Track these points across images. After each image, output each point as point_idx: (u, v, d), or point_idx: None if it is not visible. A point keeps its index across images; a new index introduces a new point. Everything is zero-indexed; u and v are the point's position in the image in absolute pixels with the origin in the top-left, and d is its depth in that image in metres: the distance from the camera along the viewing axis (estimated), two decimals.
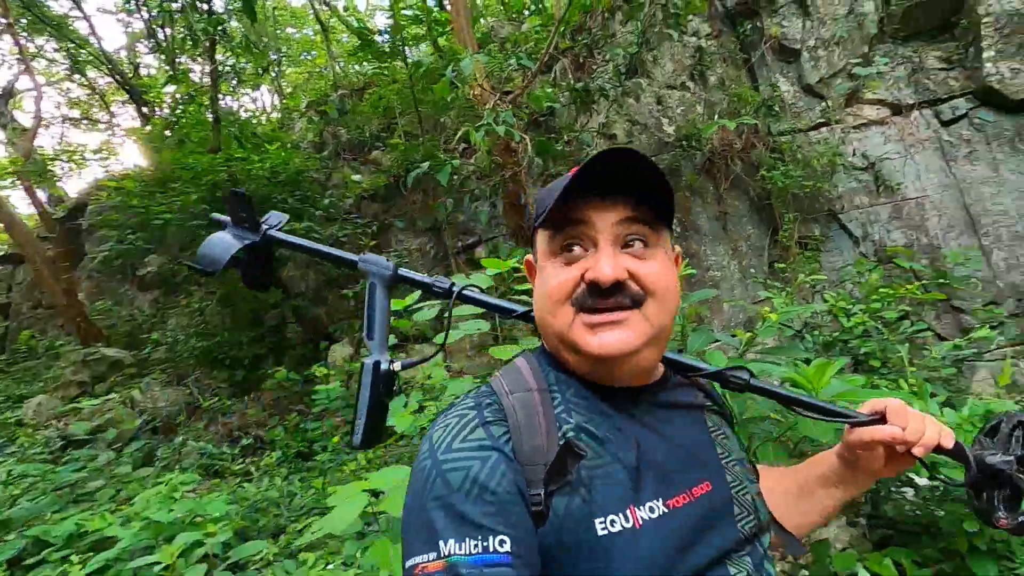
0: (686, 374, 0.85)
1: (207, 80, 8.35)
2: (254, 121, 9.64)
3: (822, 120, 5.43)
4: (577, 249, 0.72)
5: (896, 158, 5.31)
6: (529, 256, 0.85)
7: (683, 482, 0.69)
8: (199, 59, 8.49)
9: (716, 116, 5.44)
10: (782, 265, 4.37)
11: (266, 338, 6.47)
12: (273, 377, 5.58)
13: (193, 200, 5.72)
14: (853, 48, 5.44)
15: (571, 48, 6.15)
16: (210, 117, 7.00)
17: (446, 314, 0.92)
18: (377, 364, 0.82)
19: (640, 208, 0.72)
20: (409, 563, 0.59)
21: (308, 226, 5.68)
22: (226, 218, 1.04)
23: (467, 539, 0.57)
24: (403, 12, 5.89)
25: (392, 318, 2.18)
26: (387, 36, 7.45)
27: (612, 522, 0.61)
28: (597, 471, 0.65)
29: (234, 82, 10.14)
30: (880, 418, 0.82)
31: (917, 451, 0.78)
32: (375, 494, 1.69)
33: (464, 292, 0.92)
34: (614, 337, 0.69)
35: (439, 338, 1.04)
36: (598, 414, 0.71)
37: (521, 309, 0.93)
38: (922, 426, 0.79)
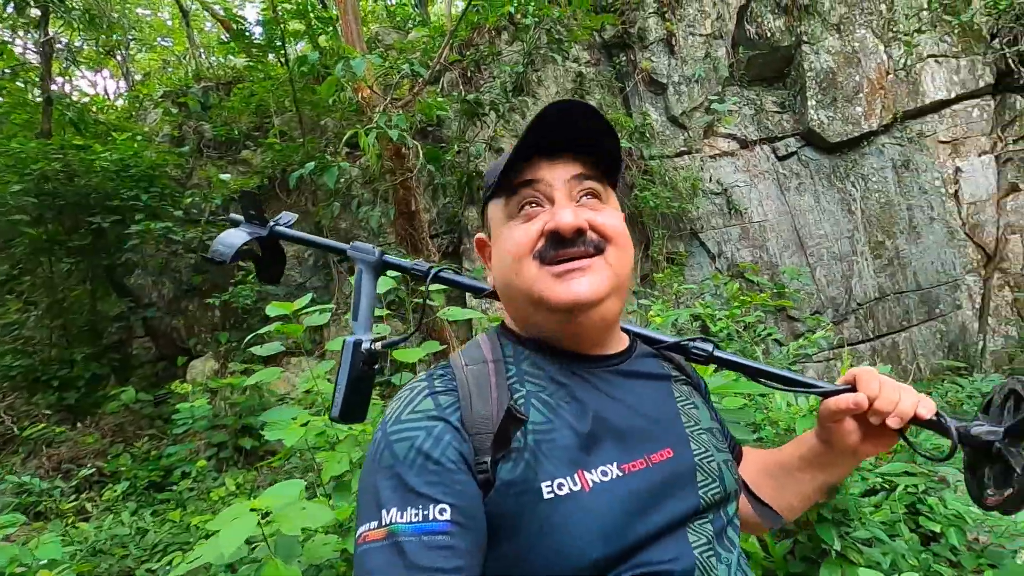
0: (651, 346, 0.87)
1: (33, 55, 7.18)
2: (95, 108, 8.44)
3: (685, 148, 6.04)
4: (534, 207, 0.74)
5: (743, 186, 6.06)
6: (480, 234, 0.85)
7: (641, 448, 0.69)
8: (23, 30, 7.26)
9: None
10: (660, 275, 4.76)
11: (108, 354, 5.63)
12: (118, 399, 4.86)
13: (15, 191, 4.84)
14: (710, 87, 6.14)
15: (459, 61, 6.22)
16: (37, 97, 6.00)
17: (421, 297, 1.00)
18: (358, 343, 0.85)
19: (590, 165, 0.75)
20: (358, 532, 0.60)
21: (166, 227, 5.06)
22: (240, 217, 1.13)
23: (408, 508, 0.58)
24: (284, 5, 5.55)
25: (279, 324, 2.03)
26: (262, 29, 6.97)
27: (560, 485, 0.62)
28: (545, 436, 0.66)
29: (68, 62, 8.82)
30: (850, 388, 0.78)
31: (892, 422, 0.75)
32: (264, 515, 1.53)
33: (440, 274, 0.98)
34: (582, 283, 0.70)
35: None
36: (552, 383, 0.72)
37: (490, 287, 0.96)
38: (895, 395, 0.75)
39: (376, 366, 0.88)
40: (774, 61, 6.29)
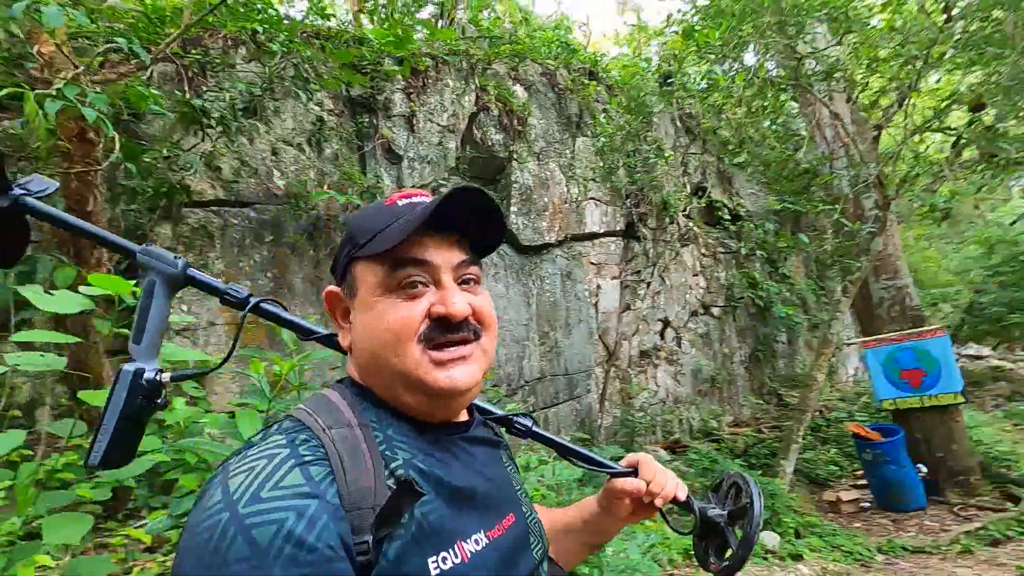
0: (481, 416, 0.90)
1: None
2: None
3: None
4: (419, 286, 0.72)
5: None
6: (334, 288, 0.80)
7: (497, 514, 0.73)
8: None
9: (326, 186, 5.69)
10: None
11: None
12: None
13: None
14: (439, 172, 6.77)
15: (181, 56, 5.38)
16: None
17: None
18: (139, 372, 0.72)
19: (470, 248, 0.77)
20: None
21: None
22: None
23: None
24: None
25: None
26: None
27: (444, 559, 0.61)
28: (426, 508, 0.64)
29: None
30: (634, 471, 0.94)
31: (658, 502, 0.90)
32: None
33: (262, 305, 0.85)
34: (463, 372, 0.72)
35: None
36: (420, 452, 0.70)
37: (322, 330, 0.89)
38: (664, 480, 0.91)
39: (159, 400, 0.74)
40: (492, 166, 7.37)
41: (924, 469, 6.55)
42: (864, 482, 6.97)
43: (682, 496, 0.93)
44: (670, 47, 8.51)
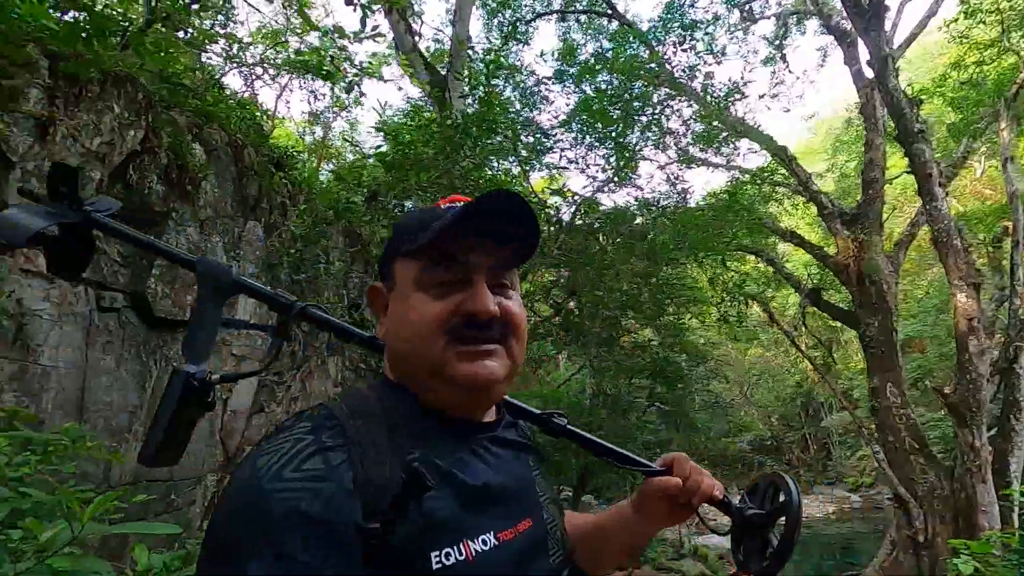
0: (516, 416, 0.89)
1: None
2: None
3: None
4: (451, 284, 0.74)
5: (46, 319, 5.10)
6: (377, 284, 0.82)
7: (511, 517, 0.72)
8: None
9: None
10: None
11: None
12: None
13: None
14: None
15: None
16: None
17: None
18: (190, 374, 0.76)
19: (508, 252, 0.77)
20: None
21: None
22: (40, 191, 0.90)
23: None
24: None
25: None
26: None
27: (447, 555, 0.62)
28: (436, 503, 0.64)
29: None
30: (669, 470, 0.91)
31: (695, 500, 0.87)
32: None
33: (308, 310, 0.89)
34: (486, 367, 0.72)
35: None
36: (441, 448, 0.70)
37: (364, 334, 0.94)
38: (700, 479, 0.88)
39: (209, 400, 0.77)
40: (139, 217, 6.22)
41: None
42: None
43: (719, 495, 0.91)
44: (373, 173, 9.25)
